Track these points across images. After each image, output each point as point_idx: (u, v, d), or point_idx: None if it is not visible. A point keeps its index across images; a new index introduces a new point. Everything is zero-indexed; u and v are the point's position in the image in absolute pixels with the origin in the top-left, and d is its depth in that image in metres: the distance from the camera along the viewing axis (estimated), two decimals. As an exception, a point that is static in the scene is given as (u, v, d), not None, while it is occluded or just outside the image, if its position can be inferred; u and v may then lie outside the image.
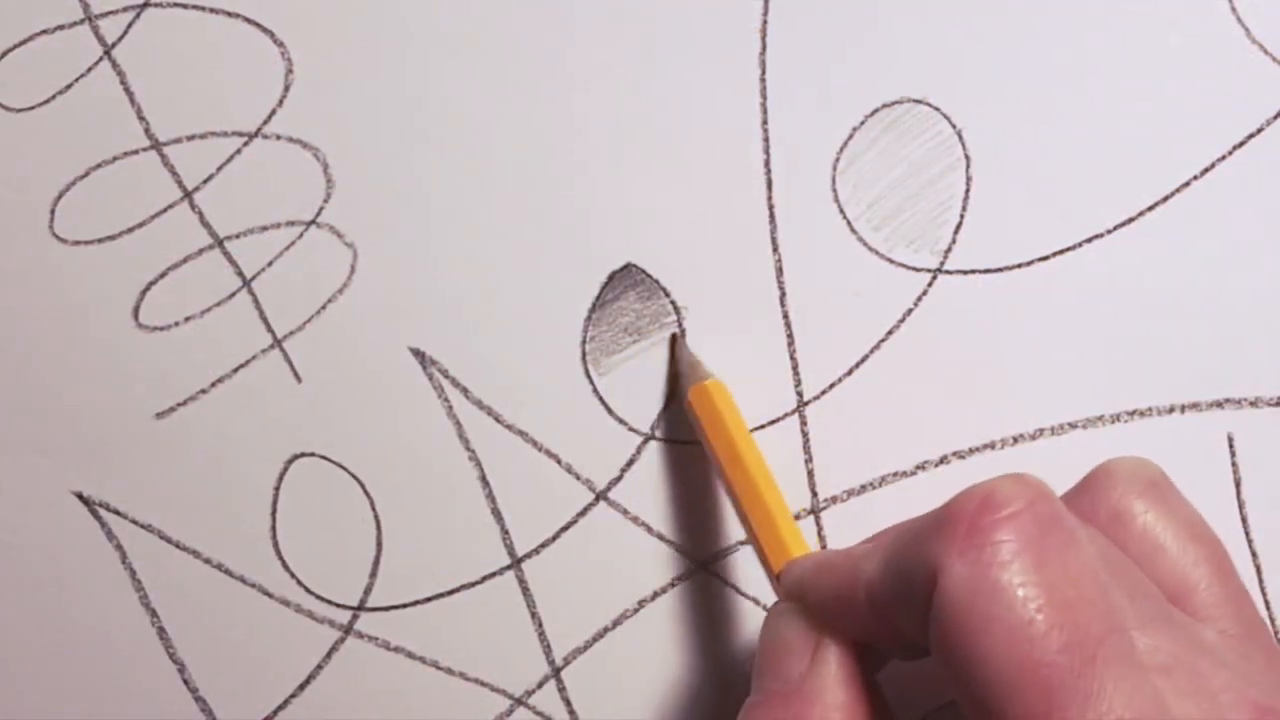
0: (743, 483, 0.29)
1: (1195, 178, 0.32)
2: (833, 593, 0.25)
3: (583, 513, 0.32)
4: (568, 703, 0.32)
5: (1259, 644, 0.23)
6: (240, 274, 0.32)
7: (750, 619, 0.32)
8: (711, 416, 0.30)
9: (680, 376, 0.31)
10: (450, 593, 0.32)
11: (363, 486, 0.32)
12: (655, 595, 0.32)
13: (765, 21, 0.32)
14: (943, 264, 0.32)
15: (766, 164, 0.32)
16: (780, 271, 0.32)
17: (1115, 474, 0.25)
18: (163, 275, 0.32)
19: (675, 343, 0.32)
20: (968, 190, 0.32)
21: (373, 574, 0.32)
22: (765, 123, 0.32)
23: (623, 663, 0.32)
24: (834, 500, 0.32)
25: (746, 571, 0.32)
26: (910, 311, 0.32)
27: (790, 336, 0.32)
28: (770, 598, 0.31)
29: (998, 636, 0.20)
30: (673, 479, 0.32)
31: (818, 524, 0.32)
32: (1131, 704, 0.20)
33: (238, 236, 0.32)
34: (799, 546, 0.28)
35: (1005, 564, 0.21)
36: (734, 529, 0.32)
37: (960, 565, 0.21)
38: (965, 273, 0.32)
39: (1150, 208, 0.32)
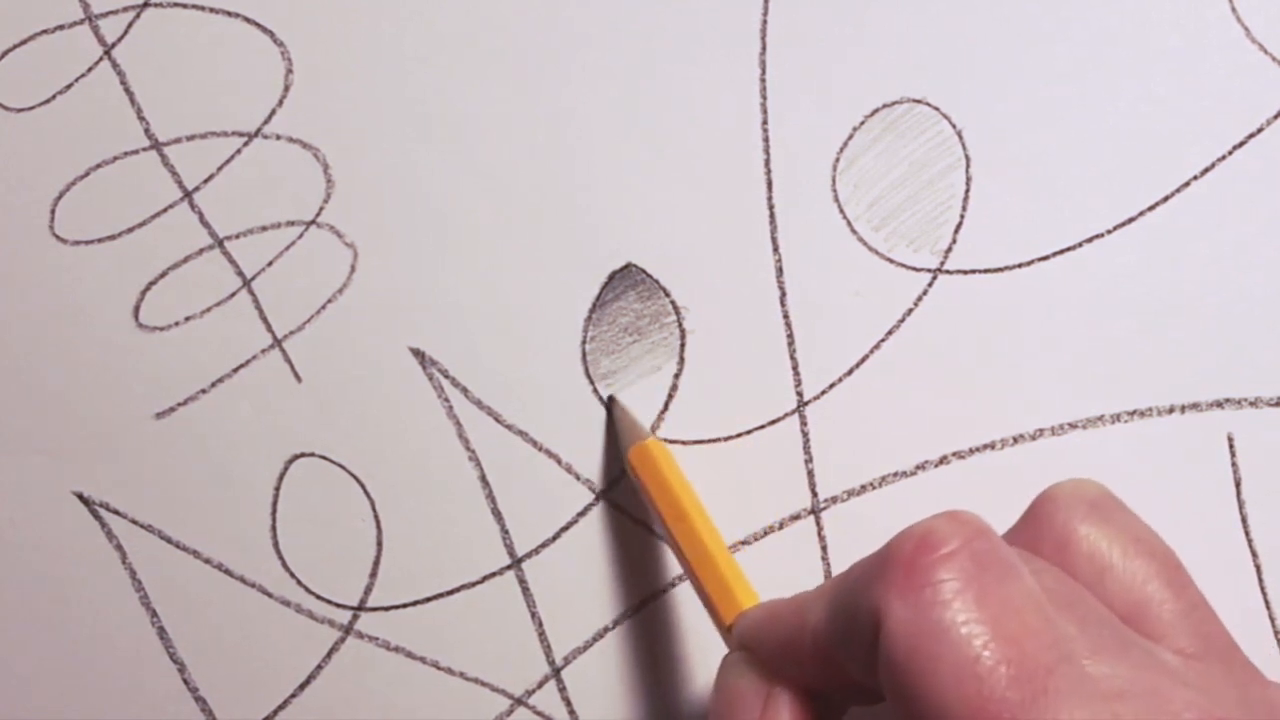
0: (688, 538, 0.29)
1: (1195, 178, 0.32)
2: (782, 641, 0.25)
3: (583, 513, 0.32)
4: (568, 703, 0.32)
5: (1219, 657, 0.23)
6: (240, 274, 0.32)
7: (750, 619, 0.32)
8: (653, 475, 0.30)
9: (620, 437, 0.31)
10: (450, 593, 0.32)
11: (363, 486, 0.32)
12: (655, 595, 0.32)
13: (765, 21, 0.32)
14: (943, 264, 0.32)
15: (766, 164, 0.32)
16: (780, 271, 0.32)
17: (1056, 499, 0.25)
18: (163, 275, 0.32)
19: (613, 405, 0.32)
20: (968, 190, 0.32)
21: (373, 574, 0.32)
22: (765, 123, 0.32)
23: (623, 663, 0.32)
24: (834, 500, 0.32)
25: (746, 571, 0.32)
26: (910, 311, 0.32)
27: (790, 336, 0.32)
28: (769, 598, 0.31)
29: (945, 676, 0.20)
30: (673, 479, 0.32)
31: (818, 524, 0.32)
32: None
33: (238, 236, 0.32)
34: (748, 598, 0.28)
35: (946, 603, 0.21)
36: (733, 529, 0.32)
37: (901, 607, 0.21)
38: (965, 273, 0.32)
39: (1150, 208, 0.32)
